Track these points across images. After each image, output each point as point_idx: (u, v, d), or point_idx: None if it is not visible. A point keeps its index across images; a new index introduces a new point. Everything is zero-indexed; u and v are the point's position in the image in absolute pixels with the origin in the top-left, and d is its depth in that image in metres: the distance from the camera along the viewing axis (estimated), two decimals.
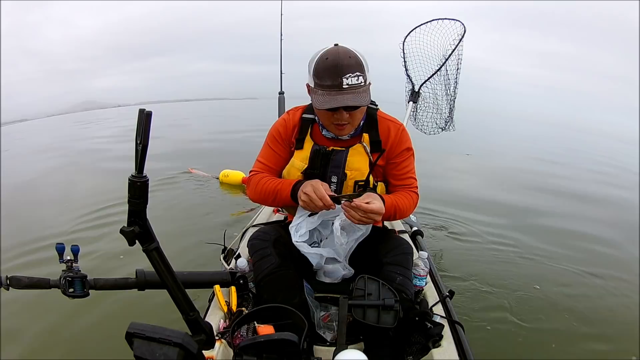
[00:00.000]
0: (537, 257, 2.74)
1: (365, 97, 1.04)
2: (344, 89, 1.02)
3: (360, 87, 1.04)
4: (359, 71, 1.03)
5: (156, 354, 0.61)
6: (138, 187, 0.64)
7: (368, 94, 1.06)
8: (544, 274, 2.49)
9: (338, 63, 1.02)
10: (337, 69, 1.01)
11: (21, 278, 0.98)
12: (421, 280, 1.25)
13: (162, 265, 0.75)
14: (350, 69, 1.02)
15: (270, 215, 1.93)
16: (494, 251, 2.78)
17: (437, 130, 2.15)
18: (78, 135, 10.69)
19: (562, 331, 1.90)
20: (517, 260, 2.67)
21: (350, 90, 1.03)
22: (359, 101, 1.03)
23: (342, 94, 1.03)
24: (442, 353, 1.01)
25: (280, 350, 0.78)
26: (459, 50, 1.94)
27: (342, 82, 1.02)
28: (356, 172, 1.17)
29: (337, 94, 1.03)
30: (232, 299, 1.15)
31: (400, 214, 1.19)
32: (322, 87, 1.04)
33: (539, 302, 2.12)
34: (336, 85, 1.02)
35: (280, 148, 1.24)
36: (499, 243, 2.92)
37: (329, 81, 1.03)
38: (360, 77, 1.03)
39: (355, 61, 1.03)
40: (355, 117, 1.11)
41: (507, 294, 2.15)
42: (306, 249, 1.14)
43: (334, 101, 1.03)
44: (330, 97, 1.03)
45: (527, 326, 1.89)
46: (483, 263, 2.56)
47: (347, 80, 1.02)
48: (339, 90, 1.03)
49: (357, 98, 1.03)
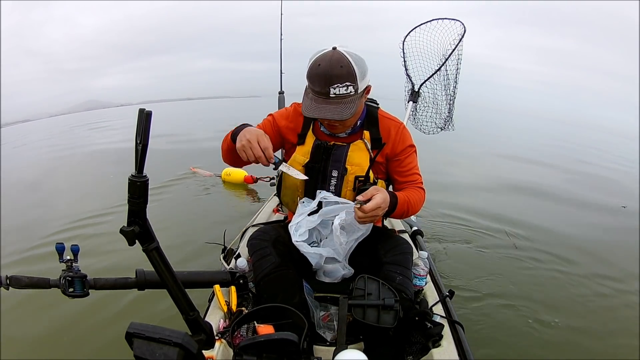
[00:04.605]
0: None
1: (350, 109, 1.05)
2: (331, 99, 1.04)
3: (348, 96, 1.04)
4: (349, 81, 1.03)
5: (156, 354, 0.61)
6: (138, 186, 0.64)
7: (355, 103, 1.06)
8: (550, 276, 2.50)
9: (328, 72, 1.02)
10: (326, 77, 1.02)
11: (21, 278, 0.98)
12: (421, 280, 1.25)
13: (162, 265, 0.75)
14: (340, 79, 1.02)
15: (270, 215, 1.93)
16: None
17: (436, 130, 2.15)
18: (82, 136, 10.70)
19: (562, 330, 1.90)
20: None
21: (337, 100, 1.04)
22: (341, 114, 1.04)
23: (328, 104, 1.04)
24: (442, 353, 1.01)
25: (280, 350, 0.78)
26: (459, 50, 1.94)
27: (330, 91, 1.03)
28: (356, 167, 1.18)
29: (323, 102, 1.05)
30: (232, 298, 1.15)
31: (413, 210, 1.20)
32: (313, 91, 1.06)
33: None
34: (324, 94, 1.04)
35: (271, 132, 1.24)
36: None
37: (318, 88, 1.04)
38: (349, 87, 1.03)
39: (347, 71, 1.02)
40: (345, 121, 1.12)
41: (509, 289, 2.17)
42: (306, 248, 1.14)
43: (318, 110, 1.05)
44: (316, 105, 1.05)
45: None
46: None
47: (335, 90, 1.03)
48: (325, 98, 1.04)
49: (341, 110, 1.04)
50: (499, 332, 1.82)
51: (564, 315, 1.99)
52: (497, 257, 2.64)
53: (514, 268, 2.51)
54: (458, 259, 2.53)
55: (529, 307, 2.03)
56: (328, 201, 1.14)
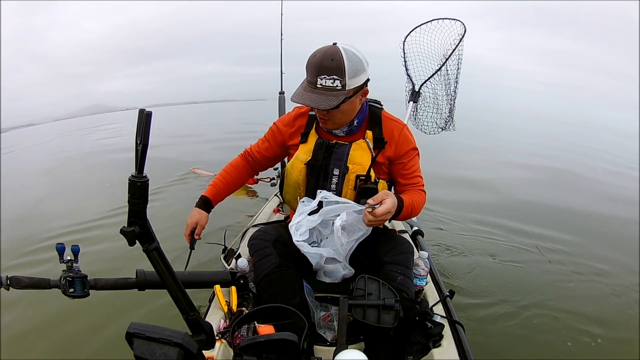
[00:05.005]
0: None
1: (331, 101, 1.06)
2: (317, 89, 1.06)
3: (334, 90, 1.06)
4: (337, 75, 1.04)
5: (156, 354, 0.61)
6: (138, 187, 0.64)
7: (339, 98, 1.06)
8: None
9: (319, 63, 1.05)
10: (316, 68, 1.05)
11: (21, 278, 0.98)
12: (421, 280, 1.25)
13: (162, 265, 0.75)
14: (327, 71, 1.04)
15: (270, 215, 1.93)
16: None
17: (437, 130, 2.15)
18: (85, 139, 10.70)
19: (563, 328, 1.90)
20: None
21: (321, 90, 1.06)
22: (321, 103, 1.06)
23: (313, 93, 1.07)
24: (443, 353, 1.01)
25: (280, 350, 0.78)
26: (459, 50, 1.94)
27: (317, 81, 1.06)
28: (358, 166, 1.18)
29: (309, 91, 1.08)
30: (233, 299, 1.15)
31: (415, 213, 1.22)
32: (306, 80, 1.10)
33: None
34: (312, 83, 1.07)
35: (275, 141, 1.33)
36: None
37: (309, 77, 1.08)
38: (336, 81, 1.05)
39: (337, 65, 1.04)
40: (333, 115, 1.14)
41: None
42: (306, 248, 1.14)
43: (301, 97, 1.09)
44: (303, 92, 1.09)
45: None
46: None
47: (322, 81, 1.05)
48: (313, 88, 1.07)
49: (322, 100, 1.06)
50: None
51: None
52: (535, 271, 2.51)
53: (554, 281, 2.39)
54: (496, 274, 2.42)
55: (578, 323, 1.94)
56: (328, 201, 1.14)
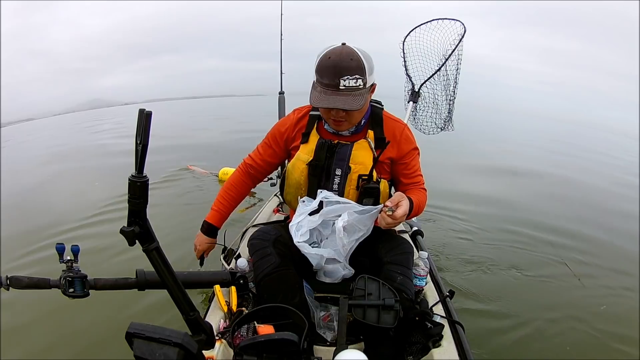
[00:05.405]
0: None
1: (359, 101, 1.06)
2: (341, 90, 1.04)
3: (358, 89, 1.05)
4: (359, 74, 1.04)
5: (156, 354, 0.61)
6: (138, 187, 0.64)
7: (364, 97, 1.07)
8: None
9: (338, 64, 1.03)
10: (336, 69, 1.03)
11: (21, 278, 0.98)
12: (421, 280, 1.25)
13: (162, 265, 0.75)
14: (350, 71, 1.03)
15: (270, 215, 1.93)
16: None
17: (436, 130, 2.15)
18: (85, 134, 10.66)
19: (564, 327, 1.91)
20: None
21: (346, 92, 1.05)
22: (352, 105, 1.05)
23: (338, 95, 1.05)
24: (442, 353, 1.01)
25: (280, 350, 0.78)
26: (459, 50, 1.94)
27: (340, 83, 1.04)
28: (360, 166, 1.18)
29: (332, 94, 1.05)
30: (232, 299, 1.15)
31: (420, 211, 1.23)
32: (322, 84, 1.07)
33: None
34: (333, 85, 1.05)
35: (278, 145, 1.31)
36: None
37: (327, 80, 1.05)
38: (359, 80, 1.04)
39: (357, 64, 1.04)
40: (352, 116, 1.13)
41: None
42: (307, 249, 1.14)
43: (328, 101, 1.06)
44: (326, 96, 1.06)
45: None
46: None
47: (345, 82, 1.04)
48: (335, 90, 1.05)
49: (351, 101, 1.05)
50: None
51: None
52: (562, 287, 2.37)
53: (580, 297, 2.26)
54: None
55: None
56: (329, 201, 1.14)
